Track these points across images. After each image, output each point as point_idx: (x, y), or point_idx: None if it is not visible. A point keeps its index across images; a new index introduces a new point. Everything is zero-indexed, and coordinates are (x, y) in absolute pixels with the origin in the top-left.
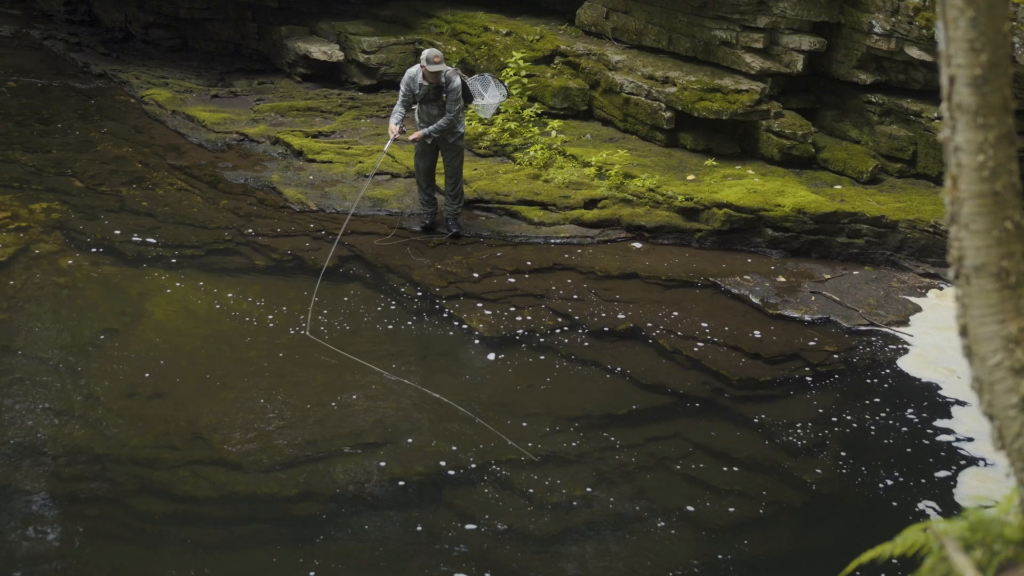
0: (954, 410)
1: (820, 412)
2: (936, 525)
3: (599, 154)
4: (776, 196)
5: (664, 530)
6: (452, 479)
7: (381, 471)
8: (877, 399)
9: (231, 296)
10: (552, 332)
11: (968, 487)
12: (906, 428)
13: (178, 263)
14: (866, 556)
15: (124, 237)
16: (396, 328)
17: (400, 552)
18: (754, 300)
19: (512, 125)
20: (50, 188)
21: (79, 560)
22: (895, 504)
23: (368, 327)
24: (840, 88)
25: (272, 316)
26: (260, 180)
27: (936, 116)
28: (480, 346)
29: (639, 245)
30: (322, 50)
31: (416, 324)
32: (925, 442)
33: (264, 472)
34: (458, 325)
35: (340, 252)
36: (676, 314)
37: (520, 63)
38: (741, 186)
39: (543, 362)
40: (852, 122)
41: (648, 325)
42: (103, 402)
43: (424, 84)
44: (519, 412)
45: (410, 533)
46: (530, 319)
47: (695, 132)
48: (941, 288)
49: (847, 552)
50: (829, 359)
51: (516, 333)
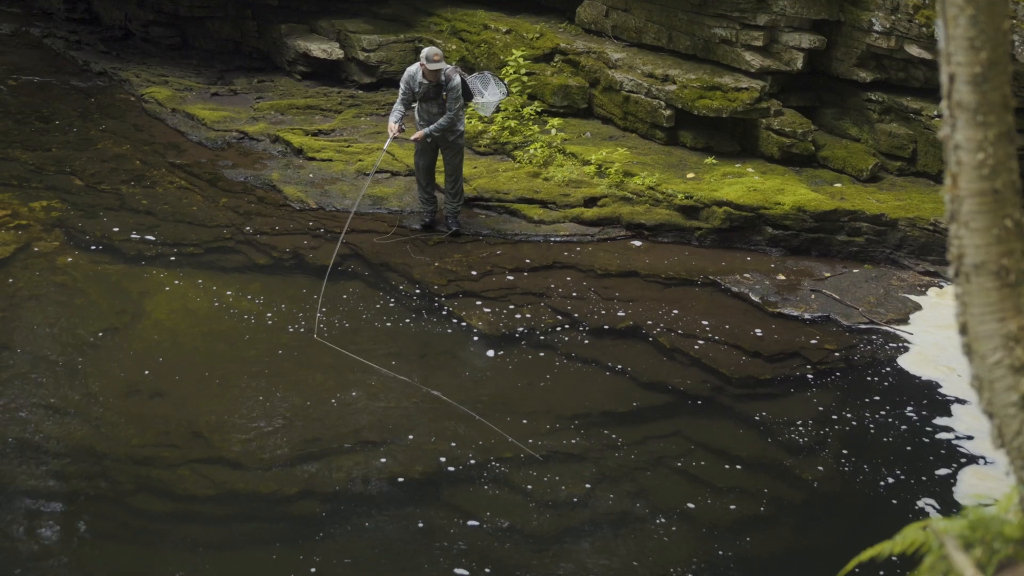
0: (954, 408)
1: (820, 410)
2: (936, 523)
3: (599, 152)
4: (776, 194)
5: (664, 528)
6: (452, 477)
7: (381, 469)
8: (877, 397)
9: (231, 294)
10: (552, 330)
11: (968, 485)
12: (906, 426)
13: (178, 261)
14: (866, 554)
15: (124, 235)
16: (395, 326)
17: (400, 550)
18: (754, 298)
19: (512, 123)
20: (50, 186)
21: (79, 559)
22: (895, 502)
23: (367, 325)
24: (840, 86)
25: (271, 314)
26: (260, 178)
27: (936, 114)
28: (480, 344)
29: (639, 243)
30: (322, 48)
31: (416, 322)
32: (925, 440)
33: (264, 470)
34: (458, 323)
35: (340, 250)
36: (676, 312)
37: (520, 61)
38: (741, 184)
39: (543, 360)
40: (852, 120)
41: (648, 323)
42: (102, 400)
43: (424, 82)
44: (519, 410)
45: (410, 531)
46: (530, 317)
47: (695, 130)
48: (941, 286)
49: (847, 550)
50: (829, 357)
51: (516, 331)
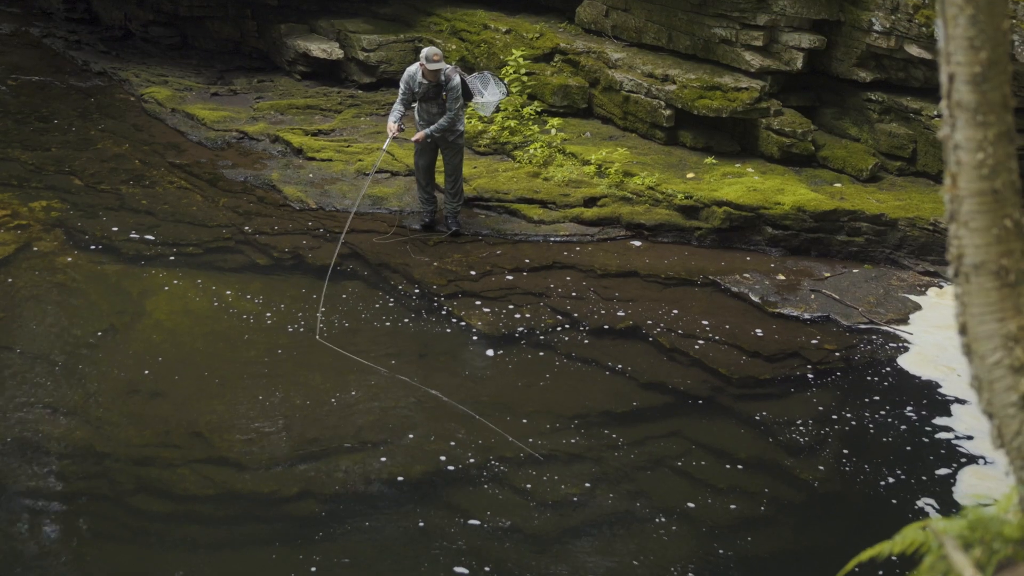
0: (954, 408)
1: (820, 410)
2: (935, 523)
3: (599, 152)
4: (776, 194)
5: (664, 528)
6: (452, 477)
7: (381, 469)
8: (877, 397)
9: (230, 294)
10: (551, 330)
11: (967, 485)
12: (906, 426)
13: (177, 261)
14: (866, 554)
15: (123, 235)
16: (395, 326)
17: (400, 550)
18: (754, 298)
19: (512, 123)
20: (49, 186)
21: (79, 559)
22: (895, 502)
23: (367, 325)
24: (840, 86)
25: (271, 314)
26: (260, 178)
27: (936, 114)
28: (479, 344)
29: (639, 243)
30: (322, 48)
31: (415, 322)
32: (925, 440)
33: (264, 470)
34: (457, 323)
35: (340, 250)
36: (676, 312)
37: (520, 61)
38: (741, 184)
39: (542, 360)
40: (852, 120)
41: (648, 323)
42: (102, 400)
43: (423, 82)
44: (518, 410)
45: (410, 530)
46: (529, 317)
47: (695, 130)
48: (941, 286)
49: (847, 550)
50: (829, 357)
51: (515, 331)
